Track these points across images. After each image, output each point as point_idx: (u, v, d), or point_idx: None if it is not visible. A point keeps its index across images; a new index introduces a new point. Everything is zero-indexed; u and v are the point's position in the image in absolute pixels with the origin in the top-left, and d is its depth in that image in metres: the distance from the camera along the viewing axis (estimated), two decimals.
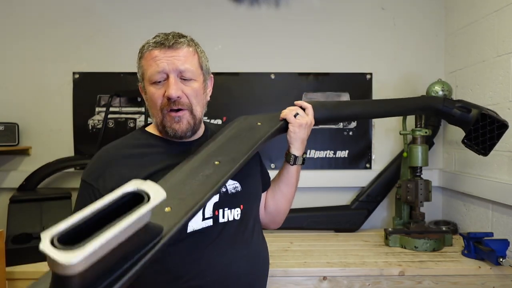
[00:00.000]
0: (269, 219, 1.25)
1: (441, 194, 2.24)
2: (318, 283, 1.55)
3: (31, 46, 2.12)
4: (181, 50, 0.98)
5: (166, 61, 0.96)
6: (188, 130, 1.00)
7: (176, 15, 2.16)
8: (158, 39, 0.99)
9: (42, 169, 1.99)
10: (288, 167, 1.18)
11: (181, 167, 0.91)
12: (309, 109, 1.17)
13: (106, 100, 2.13)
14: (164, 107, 0.98)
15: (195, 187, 0.86)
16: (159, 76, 0.97)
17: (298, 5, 2.19)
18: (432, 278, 1.54)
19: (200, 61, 1.03)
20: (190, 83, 0.99)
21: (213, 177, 0.89)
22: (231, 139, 1.06)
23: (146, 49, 0.99)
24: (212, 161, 0.95)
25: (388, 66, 2.22)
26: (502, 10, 1.73)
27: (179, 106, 0.97)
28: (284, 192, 1.21)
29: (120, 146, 1.03)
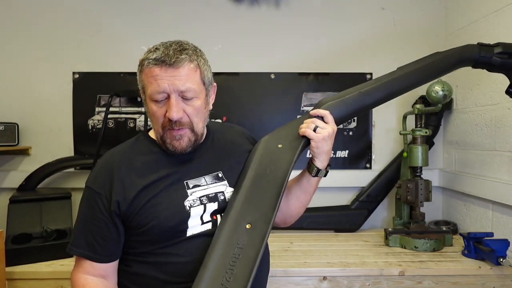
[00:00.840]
0: (280, 219, 1.22)
1: (441, 194, 2.24)
2: (318, 283, 1.55)
3: (31, 46, 2.12)
4: (182, 69, 0.94)
5: (167, 81, 0.93)
6: (188, 147, 1.01)
7: (176, 15, 2.16)
8: (158, 55, 0.94)
9: (42, 169, 1.99)
10: (308, 177, 1.13)
11: (214, 245, 0.91)
12: (328, 117, 1.10)
13: (106, 100, 2.12)
14: (165, 126, 0.98)
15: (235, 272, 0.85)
16: (160, 96, 0.95)
17: (298, 5, 2.19)
18: (432, 278, 1.54)
19: (202, 76, 1.00)
20: (192, 102, 0.98)
21: (249, 252, 0.88)
22: (256, 183, 1.02)
23: (146, 65, 0.96)
24: (243, 224, 0.94)
25: (388, 66, 2.20)
26: (502, 10, 1.73)
27: (180, 126, 0.98)
28: (301, 199, 1.17)
29: (124, 152, 1.05)
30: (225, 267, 0.86)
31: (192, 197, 0.99)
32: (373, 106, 1.27)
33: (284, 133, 1.14)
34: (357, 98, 1.20)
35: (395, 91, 1.26)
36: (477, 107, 1.92)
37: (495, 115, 1.78)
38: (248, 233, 0.92)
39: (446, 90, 1.79)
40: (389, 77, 1.25)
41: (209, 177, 1.05)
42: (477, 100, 1.92)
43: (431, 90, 1.80)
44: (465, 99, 2.02)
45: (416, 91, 2.15)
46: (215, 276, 0.85)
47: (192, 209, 0.98)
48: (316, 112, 1.12)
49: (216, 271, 0.85)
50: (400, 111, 2.18)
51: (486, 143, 1.84)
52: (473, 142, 1.94)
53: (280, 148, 1.10)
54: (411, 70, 1.28)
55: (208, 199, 1.01)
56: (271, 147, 1.11)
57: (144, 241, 0.99)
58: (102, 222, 0.97)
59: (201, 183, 1.03)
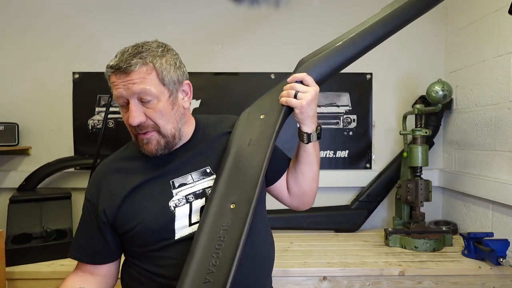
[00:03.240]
0: (297, 202, 1.18)
1: (441, 194, 2.24)
2: (318, 283, 1.55)
3: (31, 46, 2.12)
4: (133, 73, 0.92)
5: (123, 87, 0.93)
6: (158, 150, 0.99)
7: (176, 15, 2.16)
8: (113, 62, 0.95)
9: (42, 169, 1.99)
10: (304, 147, 1.08)
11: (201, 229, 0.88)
12: (307, 79, 1.03)
13: (106, 100, 2.12)
14: (132, 129, 0.98)
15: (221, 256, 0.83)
16: (121, 100, 0.95)
17: (298, 5, 2.19)
18: (432, 278, 1.54)
19: (160, 77, 0.95)
20: (151, 105, 0.95)
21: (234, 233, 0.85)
22: (239, 159, 0.98)
23: (106, 73, 0.98)
24: (227, 205, 0.90)
25: (388, 66, 2.22)
26: (502, 10, 1.73)
27: (144, 130, 0.96)
28: (305, 172, 1.12)
29: (113, 160, 1.08)
30: (211, 251, 0.83)
31: (177, 197, 0.98)
32: (355, 58, 1.15)
33: (266, 103, 1.08)
34: (333, 52, 1.11)
35: (377, 38, 1.18)
36: (477, 107, 1.92)
37: (495, 115, 1.78)
38: (232, 213, 0.88)
39: (446, 90, 1.79)
40: (368, 24, 1.17)
41: (196, 173, 1.02)
42: (477, 100, 1.92)
43: (431, 90, 1.80)
44: (465, 99, 2.02)
45: (416, 91, 2.18)
46: (203, 261, 0.82)
47: (177, 209, 0.97)
48: (293, 78, 1.04)
49: (203, 256, 0.83)
50: (400, 111, 2.18)
51: (486, 143, 1.84)
52: (473, 142, 1.94)
53: (262, 118, 1.04)
54: (391, 12, 1.20)
55: (195, 196, 0.99)
56: (253, 118, 1.06)
57: (137, 244, 1.00)
58: (91, 227, 1.03)
59: (187, 181, 1.01)
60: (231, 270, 0.78)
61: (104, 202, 1.00)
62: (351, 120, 2.21)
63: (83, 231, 1.04)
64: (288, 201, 1.20)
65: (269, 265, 1.11)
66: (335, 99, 2.21)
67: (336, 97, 2.21)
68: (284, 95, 1.03)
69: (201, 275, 0.80)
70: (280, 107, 1.03)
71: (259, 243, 1.06)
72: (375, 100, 2.22)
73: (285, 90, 1.03)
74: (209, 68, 2.15)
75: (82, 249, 1.03)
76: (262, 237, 1.08)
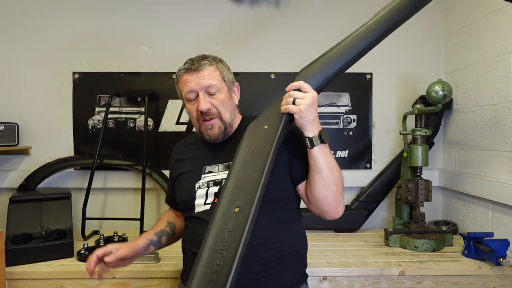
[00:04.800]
0: (315, 209, 1.20)
1: (441, 194, 2.24)
2: (318, 283, 1.55)
3: (31, 46, 2.12)
4: (204, 71, 1.19)
5: (194, 82, 1.19)
6: (219, 134, 1.22)
7: (176, 15, 2.16)
8: (186, 66, 1.21)
9: (42, 169, 2.00)
10: (310, 152, 1.11)
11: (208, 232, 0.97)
12: (304, 86, 1.09)
13: (106, 100, 2.13)
14: (199, 118, 1.22)
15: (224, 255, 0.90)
16: (191, 95, 1.21)
17: (298, 5, 2.19)
18: (432, 278, 1.54)
19: (222, 75, 1.23)
20: (216, 96, 1.20)
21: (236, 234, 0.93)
22: (244, 167, 1.07)
23: (179, 75, 1.23)
24: (232, 209, 0.99)
25: (388, 66, 2.22)
26: (502, 10, 1.73)
27: (210, 116, 1.20)
28: (316, 179, 1.13)
29: (182, 142, 1.40)
30: (217, 252, 0.91)
31: (202, 180, 1.22)
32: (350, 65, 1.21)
33: (269, 114, 1.15)
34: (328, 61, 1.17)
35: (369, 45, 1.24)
36: (477, 107, 1.92)
37: (495, 115, 1.78)
38: (236, 217, 0.97)
39: (446, 90, 1.79)
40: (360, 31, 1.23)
41: (222, 165, 1.22)
42: (477, 100, 1.92)
43: (431, 90, 1.80)
44: (465, 99, 2.02)
45: (416, 91, 2.18)
46: (209, 262, 0.90)
47: (199, 190, 1.21)
48: (291, 86, 1.11)
49: (209, 258, 0.91)
50: (400, 111, 2.18)
51: (486, 143, 1.84)
52: (473, 142, 1.94)
53: (266, 129, 1.12)
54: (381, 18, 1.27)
55: (214, 183, 1.19)
56: (258, 129, 1.14)
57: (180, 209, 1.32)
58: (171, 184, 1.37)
59: (214, 170, 1.22)
60: (232, 268, 0.85)
61: (173, 169, 1.34)
62: (351, 120, 2.21)
63: (170, 186, 1.38)
64: (310, 208, 1.22)
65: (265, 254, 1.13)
66: (335, 99, 2.21)
67: (336, 97, 2.21)
68: (283, 104, 1.10)
69: (207, 274, 0.88)
70: (281, 115, 1.10)
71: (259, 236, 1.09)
72: (375, 100, 2.22)
73: (284, 99, 1.11)
74: None
75: (169, 198, 1.41)
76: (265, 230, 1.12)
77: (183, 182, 1.27)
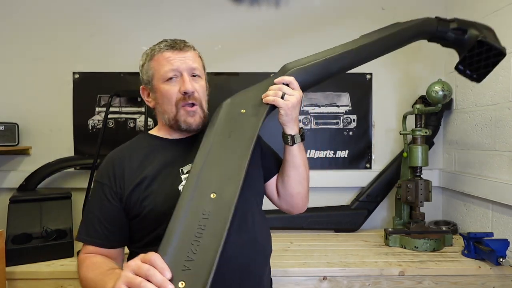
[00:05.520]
0: (285, 204, 1.22)
1: (441, 194, 2.24)
2: (318, 283, 1.55)
3: (31, 46, 2.12)
4: (189, 52, 1.10)
5: (179, 61, 1.07)
6: (200, 124, 1.10)
7: (176, 15, 2.16)
8: (168, 43, 1.10)
9: (42, 169, 1.99)
10: (289, 149, 1.13)
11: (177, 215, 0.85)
12: (294, 83, 1.08)
13: (106, 100, 2.13)
14: (179, 102, 1.07)
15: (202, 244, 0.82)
16: (173, 73, 1.07)
17: (298, 5, 2.19)
18: (432, 278, 1.54)
19: (202, 63, 1.16)
20: (199, 81, 1.11)
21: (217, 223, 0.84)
22: (218, 150, 0.99)
23: (158, 51, 1.09)
24: (207, 194, 0.90)
25: (388, 66, 2.22)
26: (502, 10, 1.73)
27: (193, 100, 1.08)
28: (291, 175, 1.15)
29: (124, 148, 1.14)
30: (190, 239, 0.82)
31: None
32: (337, 73, 1.23)
33: (247, 98, 1.11)
34: (322, 65, 1.18)
35: (359, 59, 1.26)
36: (477, 107, 1.92)
37: (495, 115, 1.78)
38: (213, 203, 0.88)
39: (446, 90, 1.79)
40: (354, 45, 1.25)
41: None
42: (477, 100, 1.92)
43: (431, 90, 1.80)
44: (465, 99, 2.02)
45: (416, 91, 2.18)
46: (181, 248, 0.81)
47: None
48: (282, 79, 1.09)
49: (181, 242, 0.82)
50: (400, 111, 2.18)
51: (486, 143, 1.84)
52: (473, 142, 1.94)
53: (243, 113, 1.07)
54: (374, 39, 1.27)
55: None
56: (234, 112, 1.08)
57: (147, 228, 1.04)
58: (108, 209, 1.05)
59: None
60: (214, 261, 0.78)
61: (121, 183, 1.05)
62: (351, 120, 2.21)
63: (97, 215, 1.05)
64: (278, 203, 1.24)
65: (268, 253, 1.14)
66: (335, 99, 2.21)
67: (336, 97, 2.21)
68: (271, 94, 1.06)
69: (178, 261, 0.78)
70: (263, 105, 1.07)
71: (259, 231, 1.10)
72: (375, 100, 2.22)
73: (271, 90, 1.07)
74: (209, 68, 2.12)
75: (96, 233, 1.04)
76: (261, 227, 1.12)
77: (154, 189, 1.03)
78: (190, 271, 0.77)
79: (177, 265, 0.77)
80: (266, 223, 1.17)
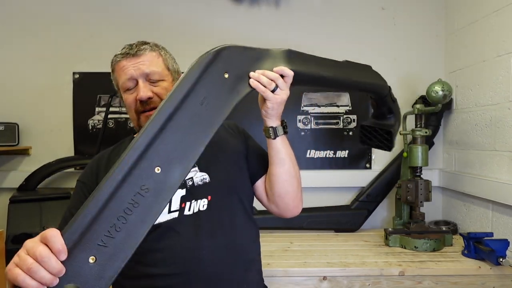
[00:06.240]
0: (276, 207, 1.13)
1: (441, 194, 2.24)
2: (318, 283, 1.55)
3: (31, 46, 2.12)
4: (144, 56, 1.06)
5: (133, 68, 1.04)
6: None
7: (176, 15, 2.16)
8: (123, 51, 1.08)
9: (42, 169, 1.99)
10: (272, 144, 1.05)
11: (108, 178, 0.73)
12: (290, 79, 0.98)
13: (106, 100, 2.12)
14: (138, 109, 1.05)
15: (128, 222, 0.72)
16: (130, 83, 1.05)
17: (298, 5, 2.19)
18: (432, 278, 1.54)
19: (166, 62, 1.10)
20: (159, 84, 1.06)
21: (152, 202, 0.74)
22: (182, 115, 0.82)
23: (115, 61, 1.09)
24: (152, 165, 0.77)
25: (388, 66, 2.22)
26: (502, 10, 1.73)
27: (151, 105, 1.04)
28: (277, 174, 1.06)
29: (109, 150, 1.15)
30: (116, 213, 0.71)
31: None
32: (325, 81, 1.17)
33: (235, 62, 0.92)
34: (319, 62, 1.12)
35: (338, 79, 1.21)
36: (477, 107, 1.92)
37: (495, 115, 1.78)
38: (155, 179, 0.76)
39: (446, 90, 1.78)
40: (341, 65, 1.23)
41: None
42: (477, 100, 1.92)
43: (431, 90, 1.80)
44: (465, 99, 2.02)
45: (416, 91, 2.17)
46: (102, 220, 0.70)
47: None
48: (282, 70, 0.97)
49: (104, 213, 0.71)
50: (400, 111, 2.17)
51: (486, 143, 1.84)
52: (473, 142, 1.94)
53: (225, 79, 0.90)
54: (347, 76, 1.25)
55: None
56: (217, 70, 0.89)
57: None
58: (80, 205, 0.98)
59: None
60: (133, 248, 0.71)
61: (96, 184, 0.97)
62: (351, 120, 2.21)
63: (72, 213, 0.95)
64: (268, 207, 1.17)
65: (252, 257, 1.11)
66: (335, 99, 2.21)
67: (336, 97, 2.21)
68: (263, 83, 0.95)
69: (96, 233, 0.69)
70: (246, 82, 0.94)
71: (239, 235, 1.07)
72: None
73: (265, 77, 0.95)
74: None
75: None
76: (242, 230, 1.08)
77: None
78: (107, 249, 0.69)
79: (93, 238, 0.69)
80: (252, 226, 1.13)
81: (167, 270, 0.99)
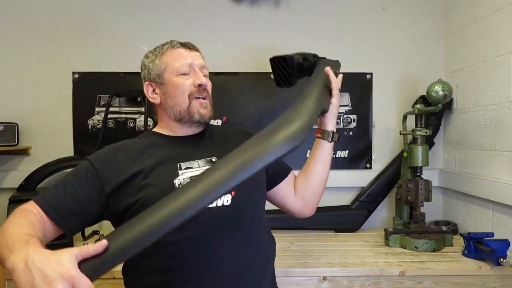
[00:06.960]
0: (302, 205, 1.26)
1: (441, 194, 2.24)
2: (318, 283, 1.55)
3: (31, 46, 2.12)
4: (198, 52, 1.17)
5: (192, 58, 1.13)
6: (210, 116, 1.14)
7: (176, 15, 2.16)
8: (179, 42, 1.15)
9: (41, 169, 1.99)
10: (324, 146, 1.20)
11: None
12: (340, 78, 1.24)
13: (106, 100, 2.12)
14: (193, 94, 1.11)
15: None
16: (188, 68, 1.11)
17: (298, 5, 2.19)
18: (433, 278, 1.54)
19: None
20: (207, 79, 1.16)
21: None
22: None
23: (171, 47, 1.14)
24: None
25: (388, 66, 2.22)
26: (502, 10, 1.73)
27: (206, 94, 1.13)
28: (319, 172, 1.22)
29: (126, 141, 1.14)
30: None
31: (182, 176, 1.03)
32: None
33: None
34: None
35: None
36: (477, 107, 1.92)
37: (495, 115, 1.78)
38: None
39: (446, 90, 1.78)
40: None
41: (202, 161, 1.09)
42: (477, 100, 1.92)
43: (431, 90, 1.80)
44: (465, 99, 2.02)
45: (416, 91, 2.18)
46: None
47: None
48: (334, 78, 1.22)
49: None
50: (400, 111, 2.18)
51: (486, 143, 1.84)
52: (473, 142, 1.94)
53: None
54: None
55: None
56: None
57: None
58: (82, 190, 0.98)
59: (193, 166, 1.07)
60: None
61: (110, 173, 1.01)
62: (351, 120, 2.21)
63: (69, 190, 0.98)
64: (293, 205, 1.25)
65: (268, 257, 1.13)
66: None
67: None
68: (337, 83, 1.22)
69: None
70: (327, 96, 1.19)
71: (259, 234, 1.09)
72: (375, 100, 2.22)
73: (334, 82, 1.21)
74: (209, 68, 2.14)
75: (57, 203, 0.95)
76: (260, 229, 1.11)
77: (149, 182, 1.00)
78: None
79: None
80: (268, 226, 1.17)
81: (187, 263, 0.99)
